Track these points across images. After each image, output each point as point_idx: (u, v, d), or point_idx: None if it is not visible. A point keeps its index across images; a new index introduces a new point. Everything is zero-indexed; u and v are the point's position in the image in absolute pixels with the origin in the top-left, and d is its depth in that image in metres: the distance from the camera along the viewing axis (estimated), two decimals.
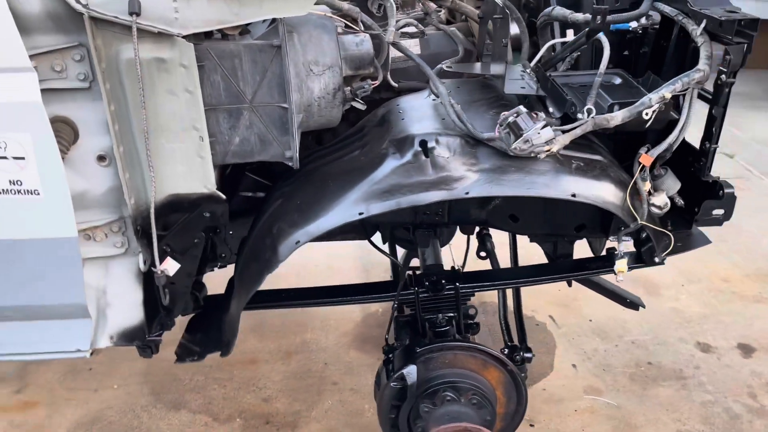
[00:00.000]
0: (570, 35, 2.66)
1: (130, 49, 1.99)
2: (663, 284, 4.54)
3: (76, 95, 2.09)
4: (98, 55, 2.00)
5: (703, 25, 2.25)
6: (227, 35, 2.14)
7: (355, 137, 2.50)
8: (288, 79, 2.11)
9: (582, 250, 3.11)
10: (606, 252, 2.96)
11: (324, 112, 2.24)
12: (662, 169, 2.35)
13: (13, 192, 2.08)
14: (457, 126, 2.25)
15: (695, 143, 2.45)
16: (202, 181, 2.21)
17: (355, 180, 2.25)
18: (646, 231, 2.35)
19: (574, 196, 2.19)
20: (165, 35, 2.01)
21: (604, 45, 2.33)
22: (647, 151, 2.28)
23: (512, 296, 3.32)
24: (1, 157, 2.03)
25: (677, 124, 2.24)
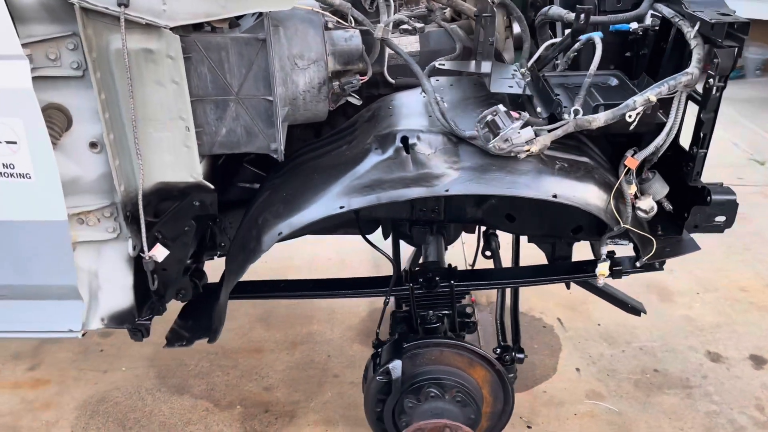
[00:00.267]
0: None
1: (119, 40, 2.05)
2: (677, 291, 4.46)
3: (69, 83, 2.16)
4: (89, 44, 2.07)
5: (697, 27, 2.21)
6: (216, 28, 2.19)
7: (346, 132, 2.52)
8: (272, 72, 2.15)
9: (584, 253, 3.08)
10: (606, 255, 2.93)
11: (310, 105, 2.27)
12: (650, 173, 2.32)
13: (5, 175, 2.16)
14: (440, 123, 2.26)
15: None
16: (189, 170, 2.26)
17: (338, 174, 2.28)
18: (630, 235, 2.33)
19: (555, 197, 2.18)
20: (153, 27, 2.06)
21: (597, 45, 2.31)
22: (634, 153, 2.25)
23: (510, 296, 3.30)
24: None
25: (665, 128, 2.21)
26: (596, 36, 2.38)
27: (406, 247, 3.50)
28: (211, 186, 2.35)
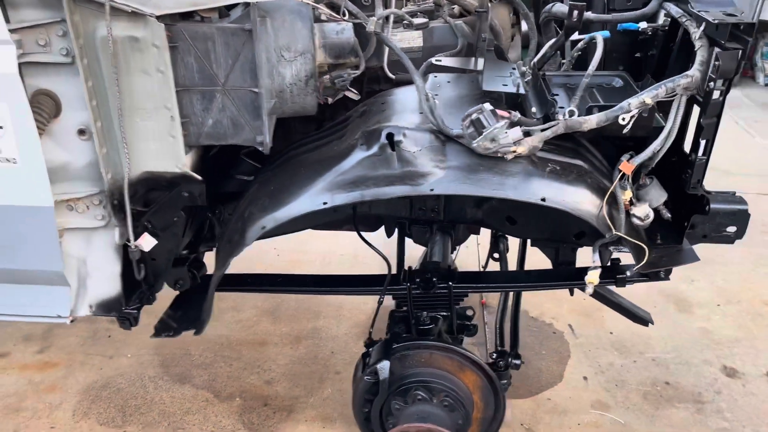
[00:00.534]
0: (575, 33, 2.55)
1: (105, 27, 2.04)
2: (697, 302, 4.31)
3: (59, 69, 2.16)
4: (76, 31, 2.07)
5: (702, 27, 2.11)
6: (205, 18, 2.16)
7: (338, 127, 2.48)
8: (258, 63, 2.12)
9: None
10: (610, 263, 2.84)
11: (297, 99, 2.23)
12: (647, 179, 2.23)
13: None
14: (429, 120, 2.20)
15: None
16: (174, 160, 2.25)
17: (323, 169, 2.24)
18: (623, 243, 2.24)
19: (543, 200, 2.10)
20: (139, 15, 2.05)
21: (597, 44, 2.23)
22: (630, 158, 2.17)
23: (512, 300, 3.23)
24: None
25: (662, 132, 2.11)
26: (599, 35, 2.29)
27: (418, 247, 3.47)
28: (199, 177, 2.33)
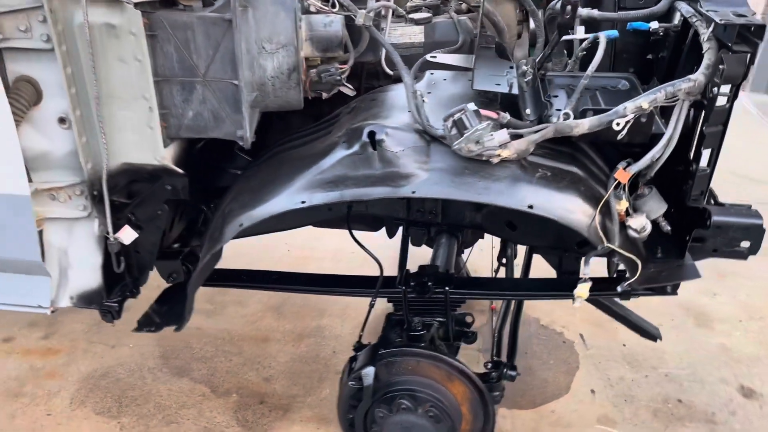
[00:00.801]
0: (581, 32, 2.41)
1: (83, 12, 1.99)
2: (718, 317, 4.12)
3: (40, 56, 2.11)
4: (54, 17, 2.02)
5: (711, 29, 1.96)
6: (187, 6, 2.10)
7: (327, 123, 2.40)
8: (238, 55, 2.04)
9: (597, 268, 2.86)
10: (616, 273, 2.70)
11: (280, 92, 2.14)
12: (646, 188, 2.09)
13: None
14: (415, 119, 2.10)
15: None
16: (153, 152, 2.19)
17: (304, 167, 2.16)
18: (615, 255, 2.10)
19: (530, 207, 1.99)
20: (116, 1, 1.99)
21: (600, 44, 2.10)
22: (627, 166, 2.03)
23: (513, 308, 3.10)
24: None
25: (662, 139, 1.98)
26: (602, 35, 2.16)
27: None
28: (180, 171, 2.27)
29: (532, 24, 2.69)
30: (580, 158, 2.18)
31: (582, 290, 2.11)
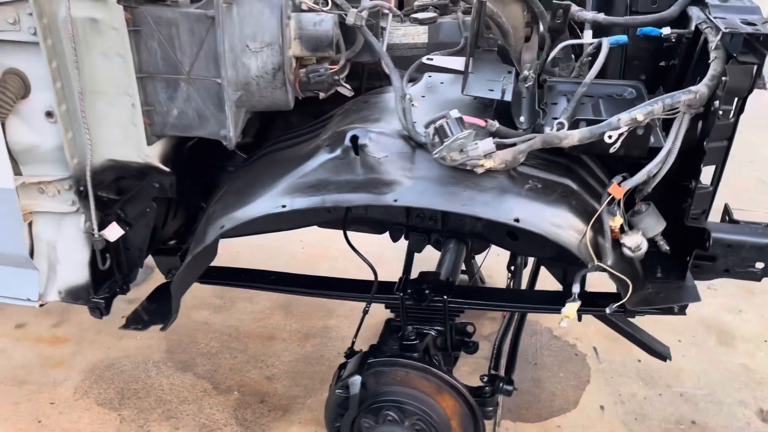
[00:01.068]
0: (588, 36, 2.30)
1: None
2: (741, 335, 3.94)
3: (28, 49, 2.10)
4: (39, 10, 2.00)
5: (719, 37, 1.84)
6: (173, 1, 2.05)
7: (319, 124, 2.33)
8: (220, 52, 1.99)
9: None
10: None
11: (265, 92, 2.08)
12: (643, 205, 1.97)
13: None
14: (401, 124, 2.02)
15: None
16: (136, 149, 2.16)
17: (288, 170, 2.09)
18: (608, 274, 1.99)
19: (517, 221, 1.89)
20: None
21: (602, 50, 1.99)
22: (623, 180, 1.92)
23: (515, 320, 3.00)
24: None
25: (659, 154, 1.86)
26: (605, 40, 2.06)
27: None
28: (166, 169, 2.24)
29: (541, 27, 2.57)
30: (576, 170, 2.07)
31: (569, 310, 2.00)
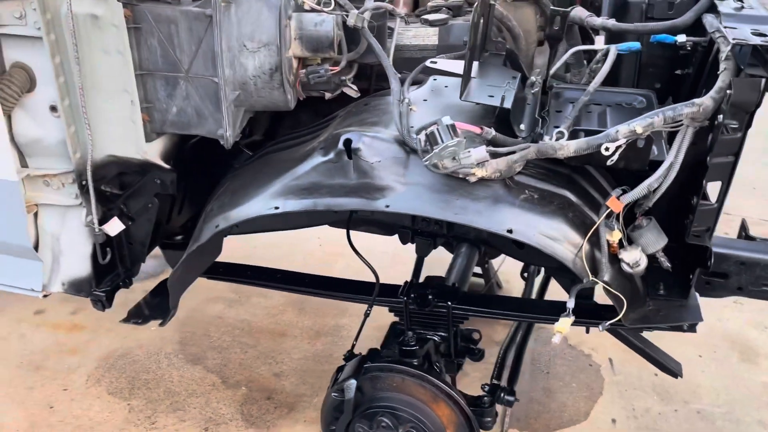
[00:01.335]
0: (600, 42, 2.22)
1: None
2: (766, 353, 3.81)
3: (34, 43, 2.12)
4: (43, 5, 2.01)
5: (729, 47, 1.76)
6: None
7: (319, 126, 2.30)
8: (217, 52, 1.98)
9: None
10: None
11: (263, 92, 2.06)
12: (644, 219, 1.90)
13: None
14: (397, 128, 1.98)
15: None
16: (135, 146, 2.16)
17: (282, 171, 2.08)
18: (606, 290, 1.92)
19: (510, 232, 1.84)
20: None
21: (609, 57, 1.93)
22: (622, 194, 1.85)
23: (522, 329, 2.94)
24: None
25: (661, 167, 1.78)
26: (613, 47, 1.99)
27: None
28: (166, 165, 2.24)
29: None
30: (578, 181, 2.01)
31: (562, 325, 1.94)
